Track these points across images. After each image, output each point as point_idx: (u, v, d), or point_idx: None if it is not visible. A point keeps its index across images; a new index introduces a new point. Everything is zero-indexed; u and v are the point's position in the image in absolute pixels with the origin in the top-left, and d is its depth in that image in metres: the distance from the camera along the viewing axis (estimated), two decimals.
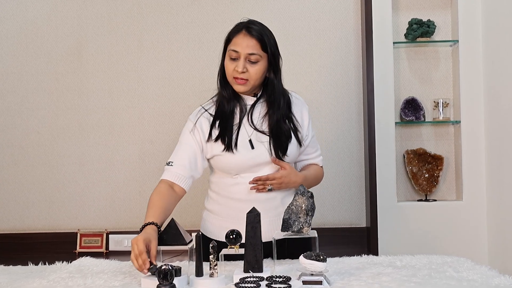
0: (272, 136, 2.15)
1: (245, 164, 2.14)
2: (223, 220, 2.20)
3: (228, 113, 2.18)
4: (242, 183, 2.15)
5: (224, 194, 2.21)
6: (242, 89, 2.15)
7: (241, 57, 2.11)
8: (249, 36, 2.12)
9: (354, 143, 3.46)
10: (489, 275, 1.75)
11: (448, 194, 3.45)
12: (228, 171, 2.17)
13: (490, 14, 3.22)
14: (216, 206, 2.24)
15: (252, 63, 2.12)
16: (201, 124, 2.20)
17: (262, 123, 2.18)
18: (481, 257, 3.23)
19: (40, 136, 3.54)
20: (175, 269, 1.64)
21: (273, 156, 2.15)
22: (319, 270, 1.64)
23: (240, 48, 2.11)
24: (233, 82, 2.15)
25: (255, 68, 2.12)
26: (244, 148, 2.14)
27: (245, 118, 2.19)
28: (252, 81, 2.13)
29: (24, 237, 3.47)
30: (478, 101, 3.30)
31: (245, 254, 1.74)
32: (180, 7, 3.51)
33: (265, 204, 2.14)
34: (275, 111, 2.17)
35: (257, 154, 2.14)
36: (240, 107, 2.19)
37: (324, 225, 3.42)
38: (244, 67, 2.11)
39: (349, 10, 3.47)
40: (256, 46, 2.12)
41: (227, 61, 2.15)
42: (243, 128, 2.17)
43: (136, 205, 3.51)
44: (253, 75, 2.12)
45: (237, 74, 2.11)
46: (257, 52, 2.11)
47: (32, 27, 3.55)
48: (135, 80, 3.52)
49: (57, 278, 1.83)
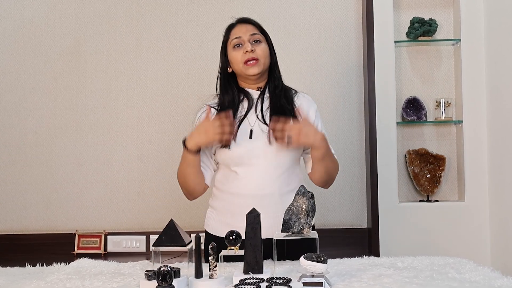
0: (271, 119, 2.17)
1: (242, 153, 2.17)
2: (224, 216, 2.24)
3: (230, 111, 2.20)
4: (241, 177, 2.18)
5: (224, 189, 2.24)
6: (256, 70, 2.20)
7: (244, 40, 2.21)
8: (245, 23, 2.27)
9: (355, 143, 3.45)
10: (492, 277, 1.75)
11: (450, 195, 3.45)
12: (227, 162, 2.21)
13: (492, 12, 3.21)
14: (217, 202, 2.28)
15: (257, 42, 2.22)
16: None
17: (265, 115, 2.22)
18: (484, 258, 3.22)
19: (37, 136, 3.53)
20: (174, 271, 1.62)
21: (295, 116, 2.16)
22: (319, 272, 1.63)
23: (241, 33, 2.22)
24: (245, 67, 2.20)
25: (261, 47, 2.22)
26: (242, 139, 2.18)
27: (252, 111, 2.23)
28: (262, 60, 2.21)
29: (21, 238, 3.47)
30: (480, 101, 3.29)
31: (245, 255, 1.73)
32: (179, 6, 3.51)
33: (263, 200, 2.15)
34: (279, 96, 2.24)
35: (254, 145, 2.17)
36: (248, 101, 2.25)
37: (324, 226, 3.41)
38: (251, 46, 2.19)
39: (350, 8, 3.47)
40: (255, 29, 2.26)
41: (232, 52, 2.23)
42: (246, 121, 2.21)
43: (135, 206, 3.50)
44: (261, 54, 2.21)
45: (247, 56, 2.19)
46: (257, 33, 2.24)
47: (29, 26, 3.54)
48: (133, 79, 3.51)
49: (55, 279, 1.82)
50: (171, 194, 3.44)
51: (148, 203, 3.49)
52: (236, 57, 2.21)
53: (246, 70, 2.20)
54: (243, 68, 2.20)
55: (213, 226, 2.28)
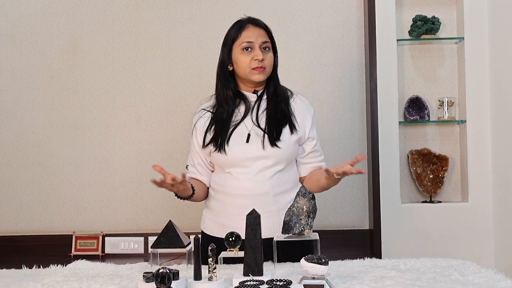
0: (267, 124, 2.22)
1: (237, 157, 2.21)
2: (219, 216, 2.28)
3: (225, 116, 2.26)
4: (234, 178, 2.22)
5: (219, 189, 2.28)
6: (262, 77, 2.23)
7: (255, 46, 2.22)
8: (257, 27, 2.25)
9: (356, 143, 3.44)
10: (496, 279, 1.75)
11: (453, 196, 3.44)
12: (221, 164, 2.26)
13: (496, 10, 3.20)
14: (213, 202, 2.32)
15: (266, 50, 2.24)
16: (200, 125, 2.32)
17: (261, 119, 2.26)
18: (487, 260, 3.20)
19: (34, 136, 3.52)
20: (173, 273, 1.63)
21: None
22: (320, 274, 1.63)
23: (253, 38, 2.22)
24: (251, 73, 2.22)
25: (269, 55, 2.25)
26: (237, 142, 2.21)
27: (248, 114, 2.26)
28: (268, 69, 2.24)
29: (18, 239, 3.47)
30: (484, 100, 3.28)
31: (245, 257, 1.74)
32: (178, 3, 3.50)
33: (257, 200, 2.18)
34: (276, 101, 2.27)
35: (249, 148, 2.21)
36: (245, 105, 2.27)
37: (326, 227, 3.41)
38: (262, 55, 2.21)
39: (351, 6, 3.46)
40: (266, 35, 2.26)
41: (241, 55, 2.23)
42: (242, 125, 2.24)
43: (133, 207, 3.49)
44: (268, 63, 2.24)
45: (257, 63, 2.20)
46: (268, 40, 2.26)
47: (25, 23, 3.53)
48: (131, 78, 3.51)
49: (51, 282, 1.82)
50: (170, 195, 3.31)
51: (146, 204, 3.48)
52: (244, 61, 2.22)
53: (252, 75, 2.23)
54: (249, 74, 2.23)
55: (209, 227, 2.32)
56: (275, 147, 2.19)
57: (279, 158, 2.21)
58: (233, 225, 2.03)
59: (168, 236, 1.76)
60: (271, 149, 2.19)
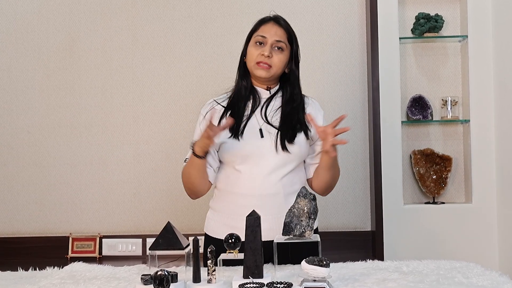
0: (281, 126, 2.21)
1: (250, 151, 2.18)
2: (225, 217, 2.24)
3: (241, 103, 2.25)
4: (245, 177, 2.19)
5: (227, 189, 2.25)
6: (264, 74, 2.22)
7: (268, 42, 2.22)
8: (278, 26, 2.25)
9: (358, 143, 3.43)
10: (500, 281, 1.75)
11: (456, 196, 3.44)
12: (233, 159, 2.21)
13: (500, 8, 3.20)
14: (219, 203, 2.29)
15: (278, 50, 2.23)
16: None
17: (273, 117, 2.25)
18: (492, 262, 3.22)
19: (30, 135, 3.51)
20: (171, 275, 1.63)
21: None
22: (321, 276, 1.62)
23: (268, 34, 2.23)
24: (255, 67, 2.23)
25: (279, 56, 2.22)
26: (251, 136, 2.20)
27: (258, 109, 2.26)
28: (274, 69, 2.22)
29: (13, 241, 3.46)
30: (488, 99, 3.29)
31: (245, 259, 1.73)
32: (177, 1, 3.50)
33: (268, 200, 2.17)
34: (291, 104, 2.26)
35: (263, 144, 2.19)
36: (253, 99, 2.27)
37: (327, 228, 3.40)
38: (270, 52, 2.20)
39: (353, 4, 3.46)
40: (284, 36, 2.24)
41: (252, 47, 2.25)
42: (253, 118, 2.24)
43: (130, 208, 3.48)
44: (276, 63, 2.22)
45: (262, 58, 2.20)
46: (283, 41, 2.23)
47: (21, 21, 3.52)
48: (129, 77, 3.50)
49: (48, 284, 1.83)
50: (168, 196, 3.44)
51: (144, 205, 3.47)
52: (252, 53, 2.24)
53: (255, 70, 2.23)
54: (253, 67, 2.24)
55: (214, 228, 2.28)
56: (290, 145, 2.18)
57: (291, 158, 2.20)
58: (241, 226, 1.97)
59: (166, 237, 1.76)
60: (286, 148, 2.18)
